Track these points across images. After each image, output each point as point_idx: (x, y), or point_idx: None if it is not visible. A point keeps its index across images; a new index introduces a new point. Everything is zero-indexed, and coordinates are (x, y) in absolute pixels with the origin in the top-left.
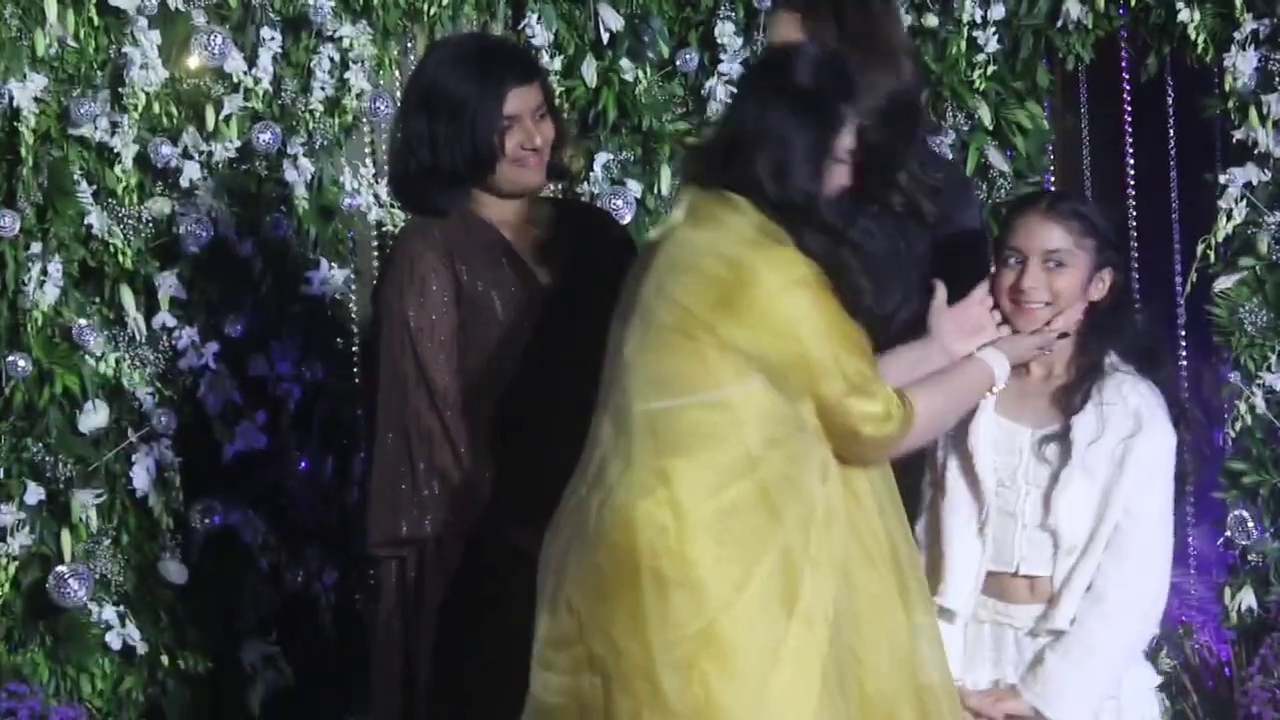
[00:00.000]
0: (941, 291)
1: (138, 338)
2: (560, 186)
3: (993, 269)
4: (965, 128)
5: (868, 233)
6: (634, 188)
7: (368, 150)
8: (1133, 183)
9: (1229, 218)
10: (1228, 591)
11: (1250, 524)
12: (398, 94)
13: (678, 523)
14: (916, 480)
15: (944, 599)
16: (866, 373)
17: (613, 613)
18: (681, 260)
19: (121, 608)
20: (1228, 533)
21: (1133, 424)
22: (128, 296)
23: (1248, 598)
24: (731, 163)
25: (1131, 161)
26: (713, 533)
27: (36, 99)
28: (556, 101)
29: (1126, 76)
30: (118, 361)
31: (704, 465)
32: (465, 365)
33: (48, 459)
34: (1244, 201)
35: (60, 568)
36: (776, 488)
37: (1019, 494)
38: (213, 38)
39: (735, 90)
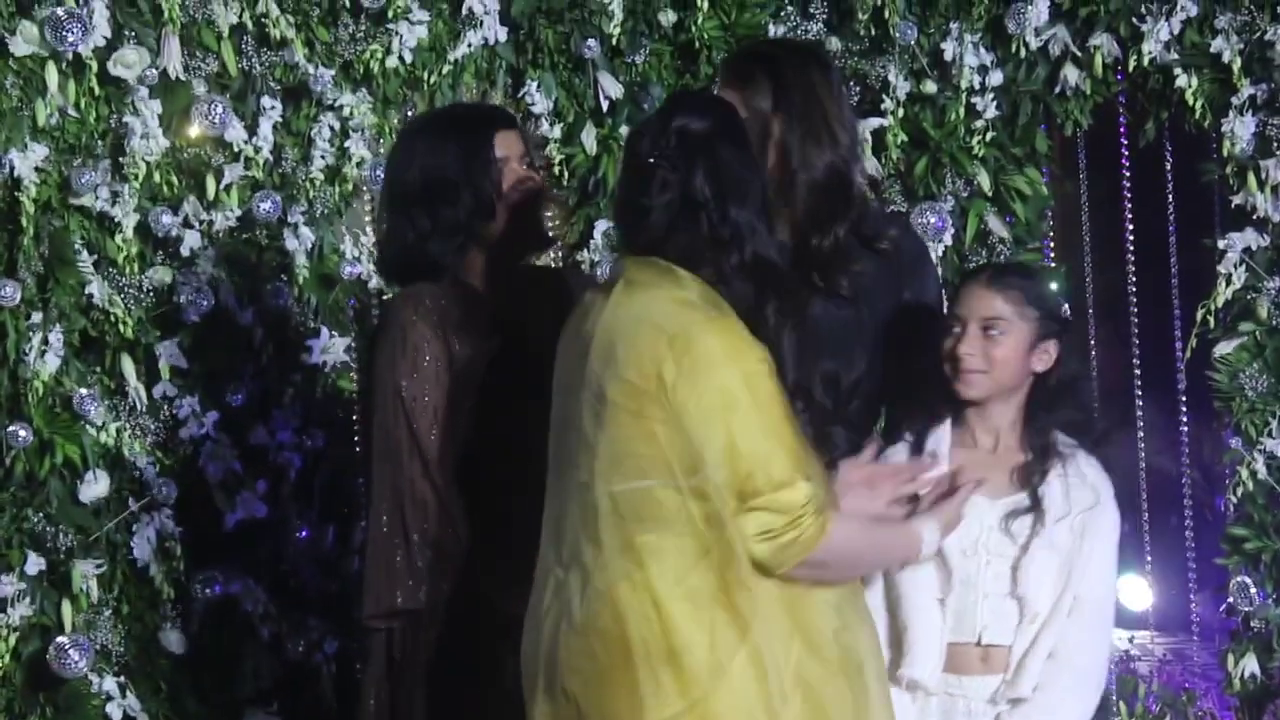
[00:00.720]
0: (871, 450)
1: (138, 407)
2: (561, 253)
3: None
4: (964, 194)
5: (829, 304)
6: None
7: (368, 218)
8: (1132, 248)
9: (1228, 283)
10: (1230, 658)
11: (1252, 590)
12: None
13: (659, 602)
14: None
15: (910, 670)
16: (787, 467)
17: (613, 698)
18: (622, 331)
19: (122, 678)
20: (1230, 599)
21: (1092, 497)
22: (128, 366)
23: (1251, 664)
24: (679, 232)
25: (1131, 226)
26: (690, 610)
27: (37, 169)
28: (540, 163)
29: (1125, 142)
30: (118, 431)
31: (671, 544)
32: (457, 434)
33: (48, 529)
34: (1243, 266)
35: (61, 638)
36: (736, 581)
37: (980, 563)
38: (213, 107)
39: (659, 159)
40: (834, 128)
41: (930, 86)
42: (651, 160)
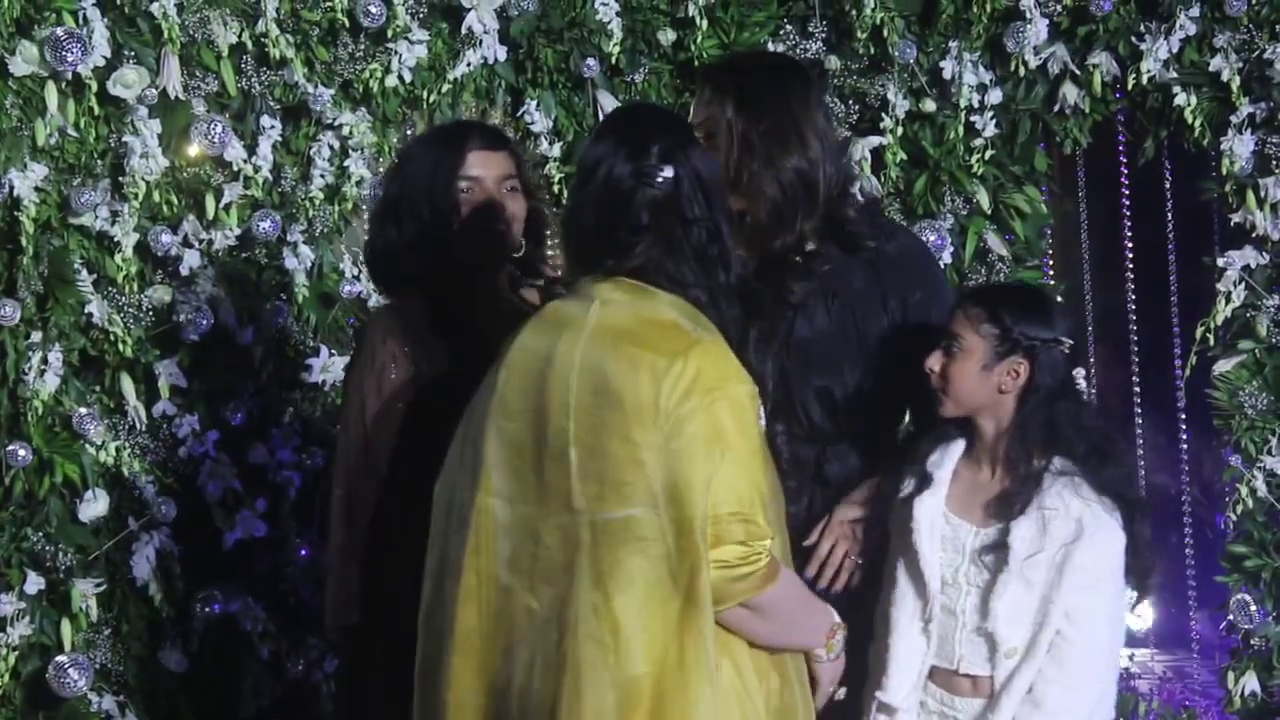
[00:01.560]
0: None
1: (138, 426)
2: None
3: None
4: (963, 212)
5: (813, 321)
6: None
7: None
8: (1131, 266)
9: (1228, 300)
10: (1231, 676)
11: (1253, 608)
12: None
13: (626, 635)
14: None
15: (884, 694)
16: (759, 512)
17: None
18: (610, 358)
19: (121, 698)
20: (1230, 617)
21: (1074, 529)
22: (128, 385)
23: (1251, 682)
24: (669, 254)
25: (1130, 245)
26: (648, 641)
27: (37, 188)
28: (536, 185)
29: (1124, 160)
30: (118, 450)
31: (643, 574)
32: (420, 454)
33: (48, 548)
34: (1242, 284)
35: (60, 658)
36: (704, 615)
37: (960, 592)
38: (213, 126)
39: (643, 179)
40: (805, 134)
41: (929, 105)
42: (638, 180)
